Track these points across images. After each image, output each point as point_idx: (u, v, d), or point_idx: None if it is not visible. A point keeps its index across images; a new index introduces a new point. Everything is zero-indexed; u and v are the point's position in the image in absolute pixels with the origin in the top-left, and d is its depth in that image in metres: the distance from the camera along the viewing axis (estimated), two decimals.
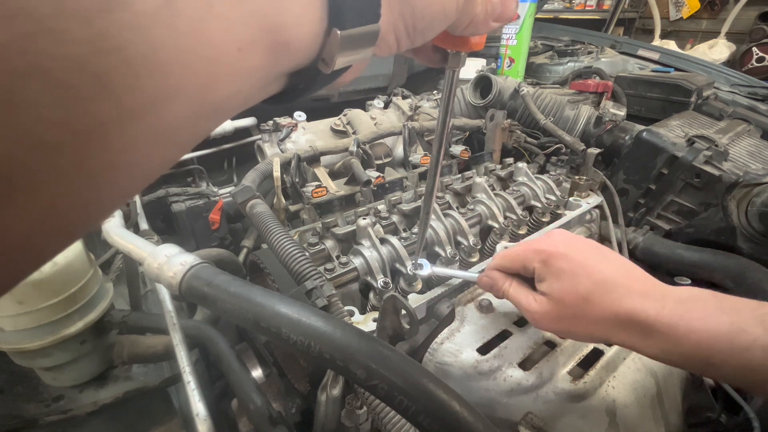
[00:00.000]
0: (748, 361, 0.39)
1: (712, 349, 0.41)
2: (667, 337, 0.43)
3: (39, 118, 0.13)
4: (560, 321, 0.50)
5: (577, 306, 0.48)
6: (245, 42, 0.19)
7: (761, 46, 3.82)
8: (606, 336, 0.48)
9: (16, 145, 0.13)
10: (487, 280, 0.58)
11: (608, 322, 0.47)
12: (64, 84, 0.14)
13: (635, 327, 0.45)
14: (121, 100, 0.15)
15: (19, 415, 0.73)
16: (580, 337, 0.51)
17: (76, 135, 0.14)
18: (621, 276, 0.48)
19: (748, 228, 0.90)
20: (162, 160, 0.20)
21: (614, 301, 0.47)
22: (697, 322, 0.42)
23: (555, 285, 0.49)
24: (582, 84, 1.49)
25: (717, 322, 0.41)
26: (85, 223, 0.18)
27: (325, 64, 0.25)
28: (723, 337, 0.41)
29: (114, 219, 0.71)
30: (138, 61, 0.15)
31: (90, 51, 0.14)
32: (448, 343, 0.59)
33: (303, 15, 0.22)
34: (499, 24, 0.31)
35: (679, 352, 0.43)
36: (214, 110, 0.20)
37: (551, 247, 0.51)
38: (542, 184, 0.98)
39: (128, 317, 0.78)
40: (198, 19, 0.17)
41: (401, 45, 0.29)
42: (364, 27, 0.24)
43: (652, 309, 0.44)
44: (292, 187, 0.93)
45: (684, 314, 0.43)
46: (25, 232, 0.15)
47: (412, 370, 0.36)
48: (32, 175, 0.14)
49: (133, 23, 0.15)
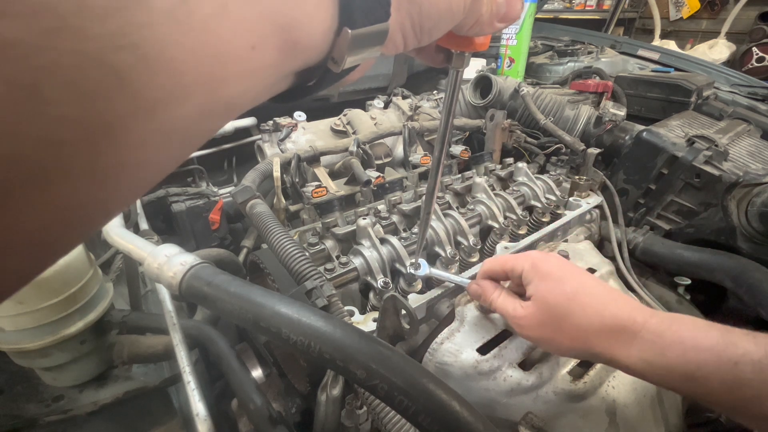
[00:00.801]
0: (737, 376, 0.38)
1: (698, 361, 0.40)
2: (652, 345, 0.42)
3: (58, 115, 0.13)
4: (544, 326, 0.49)
5: (561, 308, 0.47)
6: (258, 40, 0.20)
7: (761, 46, 3.82)
8: (588, 344, 0.46)
9: (35, 143, 0.13)
10: (476, 287, 0.58)
11: (592, 327, 0.46)
12: (83, 81, 0.14)
13: (620, 332, 0.44)
14: (136, 96, 0.15)
15: (19, 415, 0.73)
16: (561, 346, 0.49)
17: (91, 132, 0.15)
18: (608, 290, 0.48)
19: (748, 228, 0.90)
20: (172, 158, 0.20)
21: (600, 305, 0.46)
22: (685, 332, 0.42)
23: (541, 285, 0.49)
24: (582, 84, 1.49)
25: (706, 335, 0.41)
26: (96, 221, 0.18)
27: (335, 62, 0.25)
28: (711, 349, 0.40)
29: (114, 219, 0.71)
30: (154, 58, 0.15)
31: (108, 48, 0.14)
32: (448, 343, 0.59)
33: (315, 14, 0.22)
34: (504, 24, 0.32)
35: (663, 363, 0.41)
36: (225, 108, 0.20)
37: (540, 254, 0.53)
38: (542, 184, 0.98)
39: (128, 317, 0.78)
40: (212, 17, 0.17)
41: (408, 44, 0.29)
42: (374, 26, 0.24)
43: (640, 317, 0.44)
44: (292, 187, 0.93)
45: (672, 324, 0.43)
46: (38, 229, 0.15)
47: (412, 370, 0.36)
48: (48, 172, 0.14)
49: (148, 20, 0.15)
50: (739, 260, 0.85)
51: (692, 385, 0.40)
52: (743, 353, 0.38)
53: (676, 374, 0.41)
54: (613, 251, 0.95)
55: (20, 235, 0.15)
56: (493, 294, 0.55)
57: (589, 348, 0.46)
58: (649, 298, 0.86)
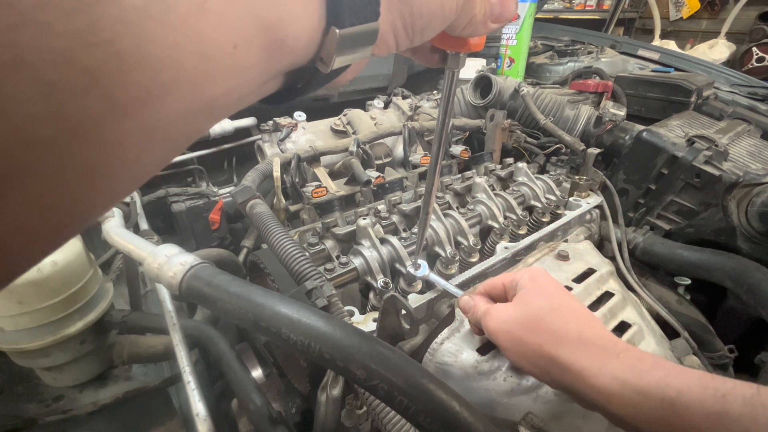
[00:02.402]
0: (724, 408, 0.33)
1: (680, 387, 0.35)
2: (630, 366, 0.38)
3: (25, 112, 0.13)
4: (514, 322, 0.46)
5: (542, 311, 0.45)
6: (240, 39, 0.19)
7: (761, 46, 3.82)
8: (556, 351, 0.42)
9: (3, 140, 0.13)
10: (468, 300, 0.55)
11: (568, 336, 0.43)
12: (50, 78, 0.13)
13: (598, 349, 0.41)
14: (111, 95, 0.15)
15: (19, 415, 0.73)
16: (525, 351, 0.45)
17: (64, 131, 0.14)
18: (596, 318, 0.47)
19: (748, 228, 0.90)
20: (156, 159, 0.19)
21: (584, 322, 0.44)
22: (668, 363, 0.38)
23: (530, 289, 0.49)
24: (582, 84, 1.49)
25: (689, 370, 0.37)
26: (76, 222, 0.18)
27: (324, 63, 0.24)
28: (697, 377, 0.36)
29: (114, 219, 0.71)
30: (128, 55, 0.15)
31: (77, 44, 0.14)
32: (448, 343, 0.59)
33: (300, 12, 0.22)
34: (498, 25, 0.31)
35: (639, 385, 0.37)
36: (209, 108, 0.20)
37: (543, 271, 0.52)
38: (542, 184, 0.98)
39: (128, 317, 0.78)
40: (191, 14, 0.17)
41: (400, 44, 0.28)
42: (363, 25, 0.24)
43: (623, 344, 0.42)
44: (292, 187, 0.93)
45: (657, 357, 0.40)
46: (15, 229, 0.15)
47: (412, 370, 0.36)
48: (22, 171, 0.14)
49: (122, 17, 0.15)
50: (739, 260, 0.85)
51: (668, 415, 0.35)
52: (733, 386, 0.34)
53: (652, 400, 0.36)
54: (613, 251, 0.95)
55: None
56: (482, 309, 0.51)
57: (556, 357, 0.42)
58: (649, 298, 0.86)
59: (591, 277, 0.68)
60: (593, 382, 0.39)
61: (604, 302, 0.64)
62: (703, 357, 0.81)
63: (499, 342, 0.48)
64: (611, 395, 0.38)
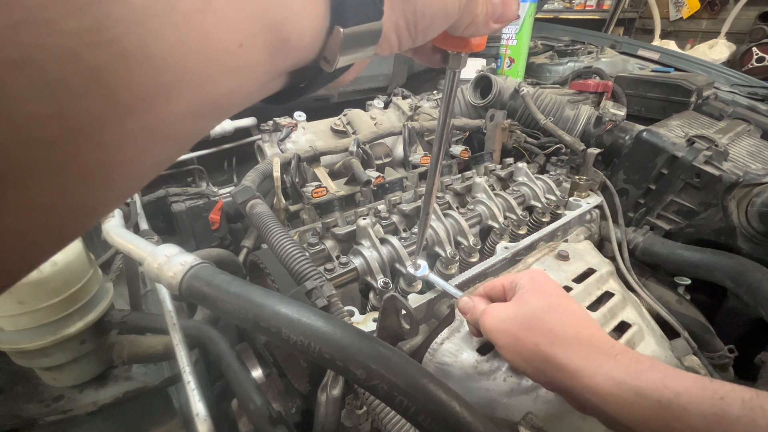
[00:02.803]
0: (723, 410, 0.32)
1: (678, 388, 0.35)
2: (627, 367, 0.38)
3: (29, 112, 0.13)
4: (512, 321, 0.46)
5: (539, 310, 0.45)
6: (245, 37, 0.19)
7: (761, 46, 3.82)
8: (552, 350, 0.42)
9: (4, 140, 0.13)
10: (467, 301, 0.55)
11: (565, 335, 0.43)
12: (54, 77, 0.13)
13: (594, 349, 0.41)
14: (115, 94, 0.15)
15: (19, 415, 0.73)
16: (522, 349, 0.45)
17: (68, 130, 0.14)
18: (594, 320, 0.46)
19: (748, 228, 0.90)
20: (159, 159, 0.19)
21: (582, 323, 0.44)
22: (665, 365, 0.38)
23: (528, 289, 0.49)
24: (582, 84, 1.49)
25: (686, 373, 0.37)
26: (80, 223, 0.18)
27: (327, 62, 0.24)
28: (695, 380, 0.35)
29: (114, 219, 0.71)
30: (132, 54, 0.15)
31: (82, 43, 0.13)
32: (448, 343, 0.59)
33: (304, 11, 0.22)
34: (500, 25, 0.31)
35: (635, 386, 0.36)
36: (213, 107, 0.20)
37: (543, 272, 0.52)
38: (542, 184, 0.98)
39: (128, 317, 0.78)
40: (195, 13, 0.17)
41: (402, 44, 0.28)
42: (366, 24, 0.24)
43: (620, 346, 0.42)
44: (292, 187, 0.93)
45: (654, 359, 0.40)
46: (17, 231, 0.15)
47: (412, 370, 0.36)
48: (23, 171, 0.14)
49: (126, 16, 0.14)
50: (739, 260, 0.85)
51: (665, 416, 0.34)
52: (731, 389, 0.34)
53: (649, 401, 0.35)
54: (613, 251, 0.95)
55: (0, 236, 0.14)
56: (480, 309, 0.51)
57: (552, 356, 0.42)
58: (649, 298, 0.86)
59: (591, 277, 0.68)
60: (588, 382, 0.39)
61: (604, 302, 0.64)
62: (703, 357, 0.81)
63: (496, 340, 0.48)
64: (607, 395, 0.38)
